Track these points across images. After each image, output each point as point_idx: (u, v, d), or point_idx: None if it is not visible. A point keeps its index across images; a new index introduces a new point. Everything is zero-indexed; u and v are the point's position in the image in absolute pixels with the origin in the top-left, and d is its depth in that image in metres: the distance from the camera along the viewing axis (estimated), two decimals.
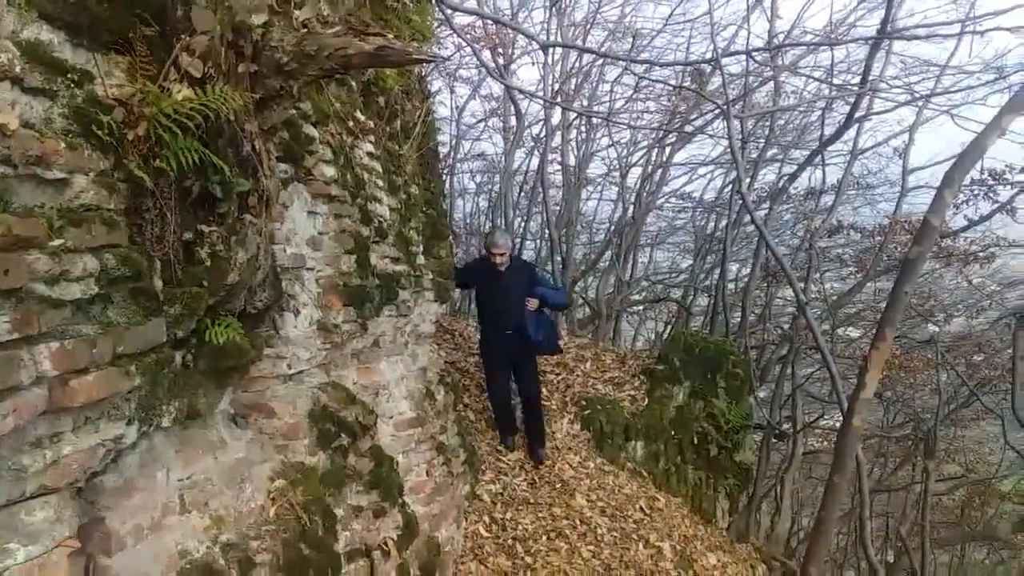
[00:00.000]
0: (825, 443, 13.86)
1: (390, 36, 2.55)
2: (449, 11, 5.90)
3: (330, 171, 3.52)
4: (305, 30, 2.48)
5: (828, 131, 10.01)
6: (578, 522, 6.34)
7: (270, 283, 2.82)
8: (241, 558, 2.60)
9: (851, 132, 10.34)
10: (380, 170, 4.21)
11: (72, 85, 1.86)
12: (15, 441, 1.65)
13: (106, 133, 1.90)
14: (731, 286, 12.76)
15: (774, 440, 10.97)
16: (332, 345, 3.62)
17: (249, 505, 2.85)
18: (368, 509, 3.74)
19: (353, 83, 4.08)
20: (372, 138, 4.14)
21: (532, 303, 6.64)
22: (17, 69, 1.67)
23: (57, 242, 1.71)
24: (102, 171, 1.90)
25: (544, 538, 5.88)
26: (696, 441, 8.24)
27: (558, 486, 6.66)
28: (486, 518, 5.94)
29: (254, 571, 2.63)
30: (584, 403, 8.01)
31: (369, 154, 4.08)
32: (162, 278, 2.12)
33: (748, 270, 11.83)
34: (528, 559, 5.62)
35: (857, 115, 9.06)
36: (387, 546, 3.87)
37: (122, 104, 1.99)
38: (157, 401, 2.22)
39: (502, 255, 6.51)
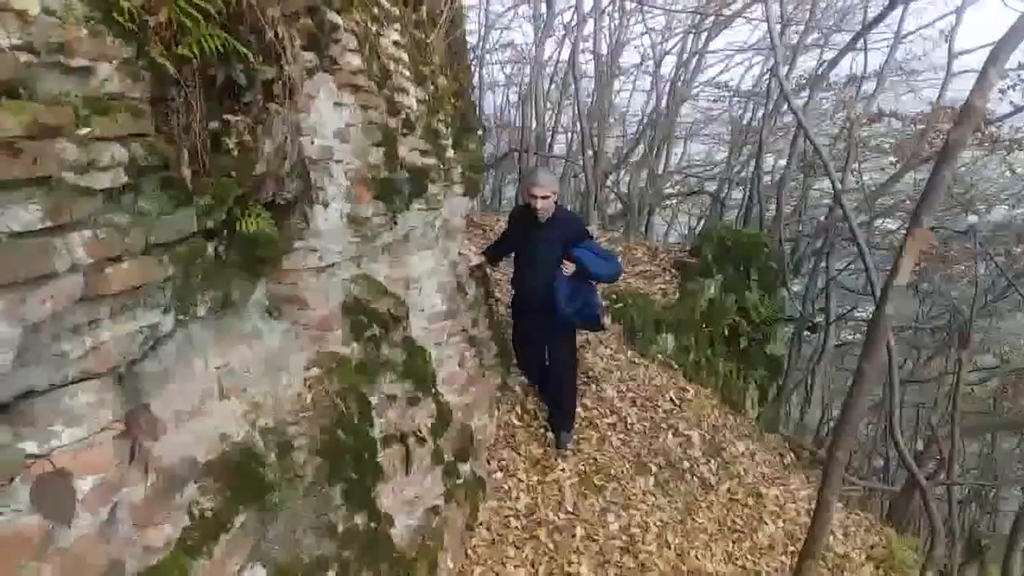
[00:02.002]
0: (858, 335, 13.89)
1: None
2: None
3: (355, 60, 3.45)
4: None
5: (871, 14, 9.60)
6: (608, 412, 6.46)
7: (298, 174, 2.82)
8: (280, 441, 2.69)
9: (895, 14, 9.91)
10: (406, 60, 4.12)
11: None
12: (54, 327, 1.70)
13: (127, 19, 1.86)
14: (767, 178, 12.54)
15: (806, 332, 10.98)
16: (362, 238, 3.64)
17: (286, 392, 2.93)
18: (402, 398, 3.83)
19: None
20: (397, 26, 4.04)
21: (568, 266, 5.28)
22: None
23: (84, 131, 1.70)
24: (125, 59, 1.88)
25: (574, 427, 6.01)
26: (727, 334, 8.30)
27: (589, 377, 6.76)
28: (518, 408, 6.08)
29: (292, 454, 2.72)
30: (615, 297, 8.03)
31: (395, 43, 3.99)
32: (190, 168, 2.12)
33: (784, 162, 11.60)
34: None
35: None
36: (421, 433, 3.98)
37: None
38: (191, 291, 2.26)
39: (544, 198, 5.18)
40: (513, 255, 5.76)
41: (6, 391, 1.61)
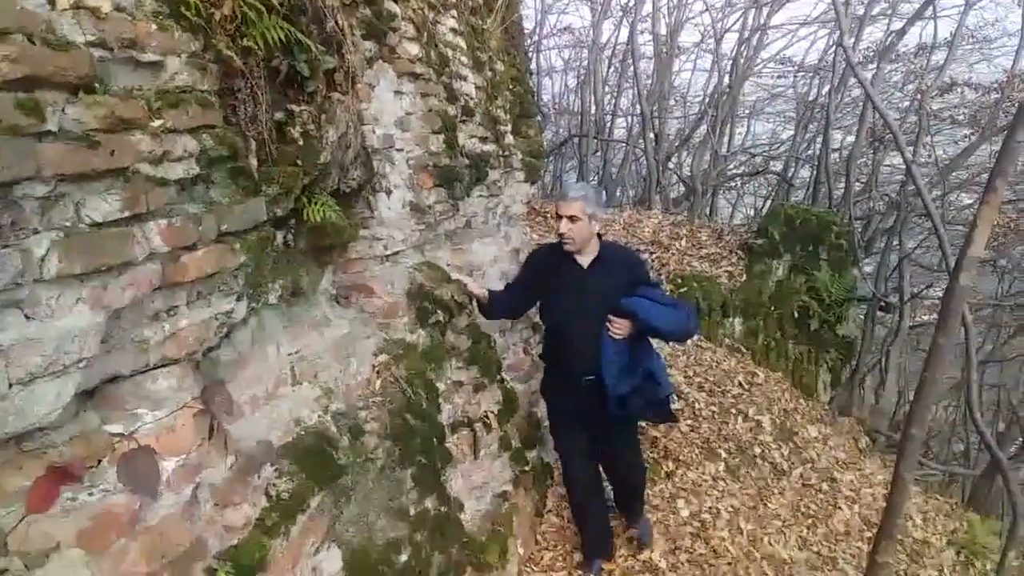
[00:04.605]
0: (934, 316, 13.44)
1: None
2: None
3: (414, 48, 3.49)
4: None
5: None
6: (676, 397, 6.40)
7: (361, 162, 2.86)
8: (351, 425, 2.74)
9: None
10: (464, 46, 4.15)
11: None
12: (135, 315, 1.76)
13: (194, 13, 1.91)
14: (835, 155, 12.22)
15: (879, 312, 10.70)
16: (425, 226, 3.68)
17: (356, 378, 2.99)
18: (468, 384, 3.86)
19: None
20: (454, 13, 4.07)
21: (617, 326, 3.73)
22: None
23: (157, 123, 1.75)
24: (193, 52, 1.93)
25: None
26: (797, 315, 8.15)
27: None
28: None
29: (364, 438, 2.77)
30: (680, 280, 7.95)
31: (452, 30, 4.02)
32: (257, 158, 2.17)
33: (852, 138, 11.31)
34: None
35: None
36: (488, 419, 4.01)
37: None
38: (262, 279, 2.32)
39: (571, 219, 3.67)
40: (540, 312, 4.21)
41: (93, 376, 1.68)
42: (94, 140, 1.58)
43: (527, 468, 4.38)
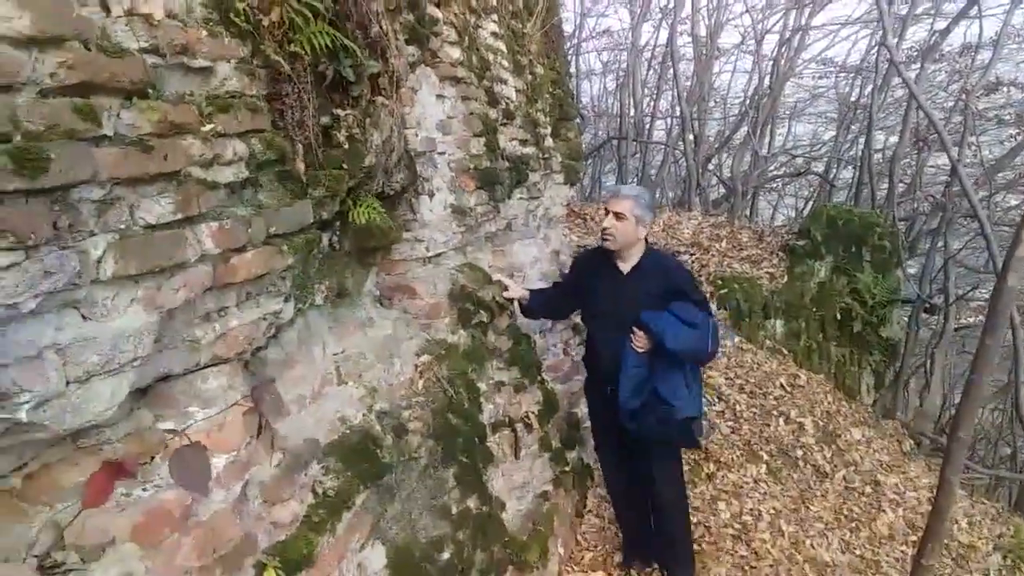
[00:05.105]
0: (980, 317, 13.17)
1: None
2: None
3: (455, 53, 3.52)
4: None
5: None
6: (716, 399, 6.36)
7: (405, 165, 2.89)
8: (395, 425, 2.77)
9: None
10: (504, 50, 4.17)
11: None
12: (187, 315, 1.80)
13: (243, 20, 1.96)
14: (878, 156, 12.03)
15: (924, 314, 10.51)
16: (467, 228, 3.70)
17: (399, 378, 3.02)
18: (509, 384, 3.88)
19: None
20: (495, 17, 4.09)
21: (639, 339, 3.59)
22: None
23: (208, 127, 1.80)
24: (242, 58, 1.97)
25: None
26: (839, 317, 8.05)
27: None
28: None
29: (407, 437, 2.80)
30: (720, 282, 7.90)
31: (493, 34, 4.04)
32: (304, 161, 2.20)
33: (895, 138, 11.13)
34: None
35: None
36: (529, 419, 4.03)
37: None
38: (309, 280, 2.37)
39: (618, 215, 3.57)
40: (580, 315, 4.22)
41: (147, 375, 1.72)
42: (148, 144, 1.62)
43: (567, 468, 4.38)
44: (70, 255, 1.47)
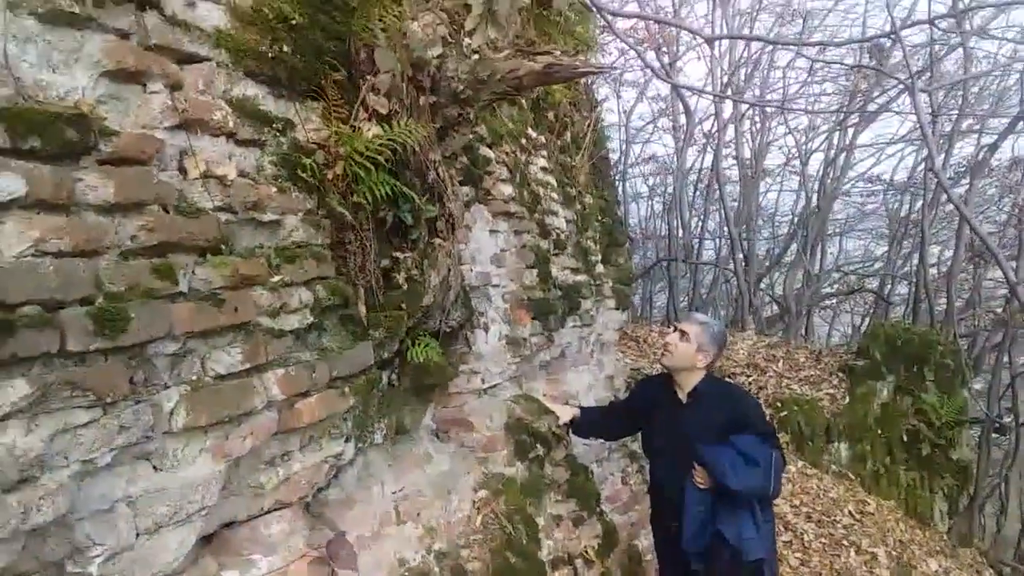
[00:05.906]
0: None
1: (556, 52, 2.61)
2: (610, 16, 5.65)
3: (507, 189, 3.63)
4: (477, 57, 2.58)
5: None
6: (782, 528, 6.11)
7: (461, 302, 2.95)
8: (453, 566, 2.71)
9: None
10: (554, 183, 4.29)
11: (277, 134, 2.03)
12: (252, 461, 1.83)
13: (309, 175, 2.07)
14: (933, 271, 11.87)
15: (994, 434, 10.10)
16: (521, 358, 3.72)
17: (456, 515, 2.98)
18: (568, 518, 3.79)
19: (524, 101, 4.18)
20: (544, 152, 4.23)
21: (700, 475, 3.28)
22: (231, 124, 1.85)
23: (276, 278, 1.87)
24: (308, 210, 2.07)
25: None
26: (906, 439, 7.75)
27: None
28: None
29: None
30: (779, 404, 7.72)
31: (543, 168, 4.17)
32: (365, 304, 2.27)
33: (950, 252, 11.01)
34: None
35: None
36: (588, 554, 3.91)
37: (321, 147, 2.16)
38: (369, 419, 2.39)
39: (683, 334, 3.41)
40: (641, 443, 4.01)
41: (212, 522, 1.74)
42: (220, 298, 1.70)
43: None
44: (144, 408, 1.52)
